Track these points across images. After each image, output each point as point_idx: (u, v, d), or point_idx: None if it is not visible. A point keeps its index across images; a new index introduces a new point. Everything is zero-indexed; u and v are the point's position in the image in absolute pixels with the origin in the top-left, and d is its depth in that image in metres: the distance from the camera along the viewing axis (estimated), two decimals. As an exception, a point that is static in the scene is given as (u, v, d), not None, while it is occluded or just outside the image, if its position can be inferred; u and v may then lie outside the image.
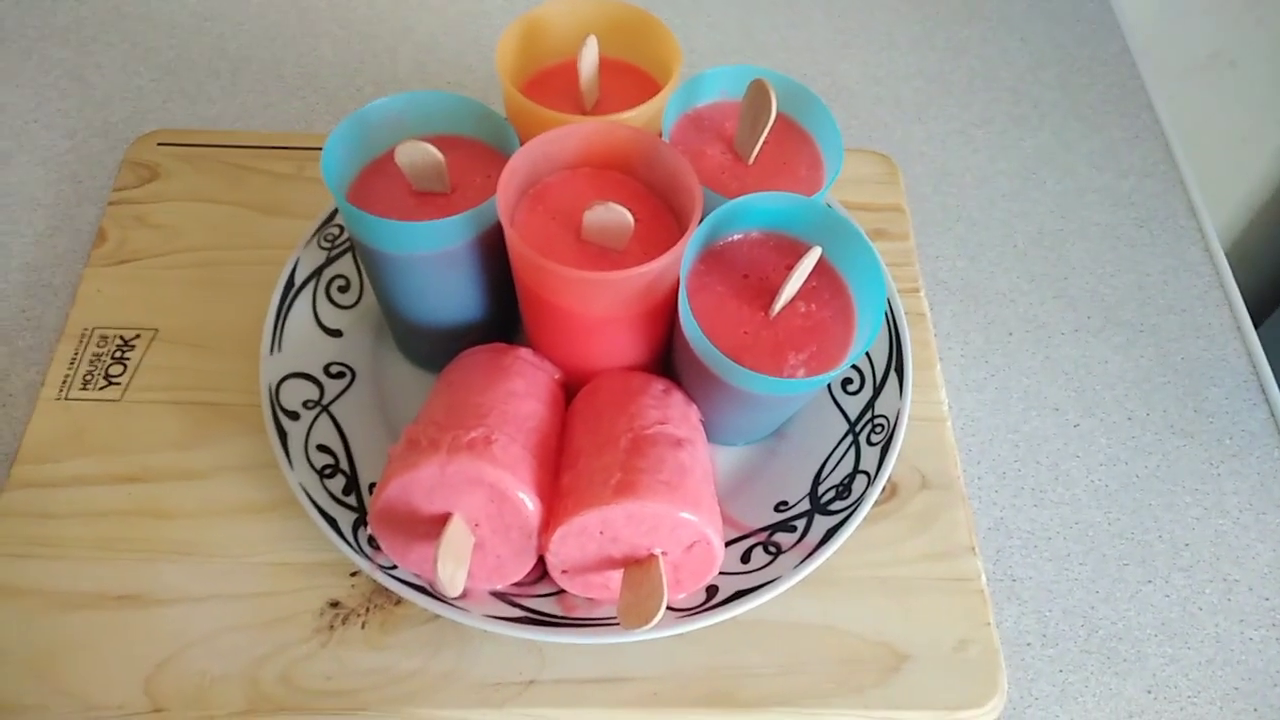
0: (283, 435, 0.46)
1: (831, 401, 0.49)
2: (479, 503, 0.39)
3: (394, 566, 0.43)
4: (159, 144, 0.60)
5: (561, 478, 0.41)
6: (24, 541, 0.46)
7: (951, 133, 0.68)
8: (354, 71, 0.68)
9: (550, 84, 0.48)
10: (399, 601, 0.45)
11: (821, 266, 0.42)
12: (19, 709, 0.42)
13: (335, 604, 0.45)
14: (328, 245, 0.53)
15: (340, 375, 0.50)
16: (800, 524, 0.45)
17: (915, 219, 0.62)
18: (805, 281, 0.41)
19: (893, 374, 0.49)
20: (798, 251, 0.42)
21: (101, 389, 0.50)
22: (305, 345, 0.50)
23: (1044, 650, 0.48)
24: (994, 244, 0.63)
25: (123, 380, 0.51)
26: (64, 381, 0.51)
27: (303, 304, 0.51)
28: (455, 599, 0.42)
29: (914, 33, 0.75)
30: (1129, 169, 0.67)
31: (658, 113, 0.44)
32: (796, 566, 0.43)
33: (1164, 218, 0.65)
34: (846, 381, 0.49)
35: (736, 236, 0.43)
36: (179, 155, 0.60)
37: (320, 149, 0.60)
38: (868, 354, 0.50)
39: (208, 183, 0.59)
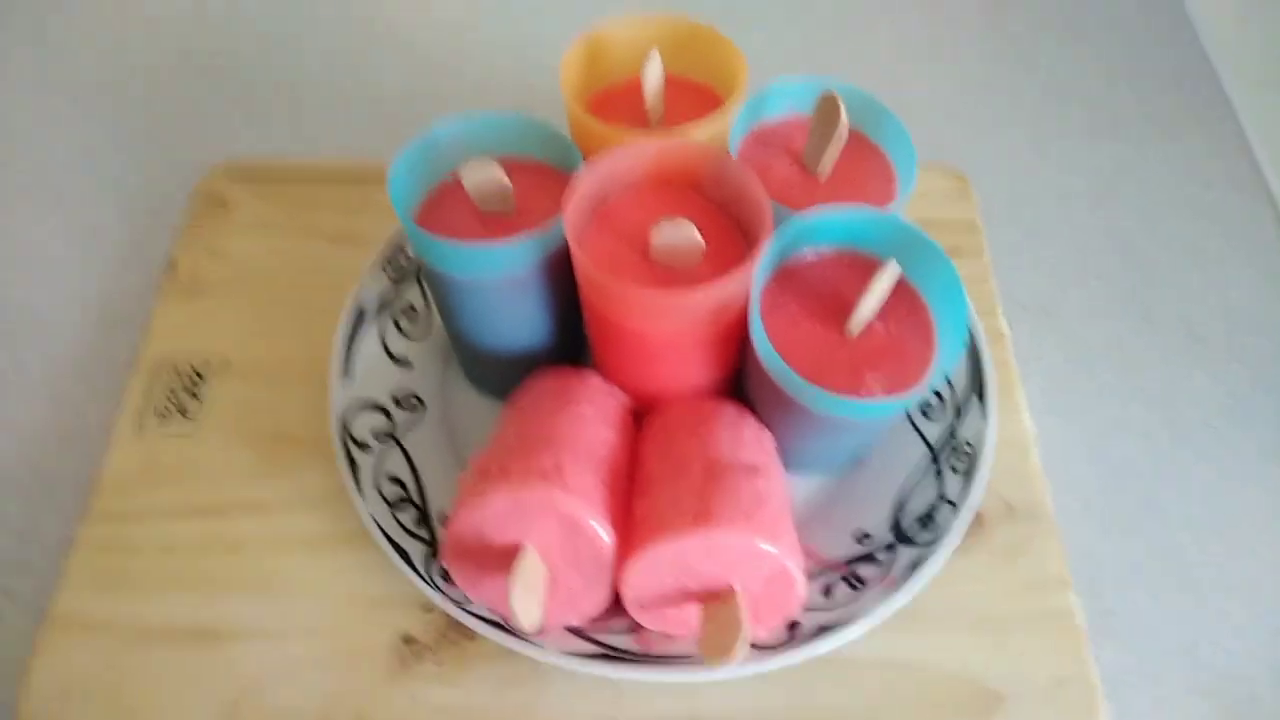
0: (353, 466, 0.46)
1: (911, 427, 0.47)
2: (552, 533, 0.38)
3: (469, 600, 0.42)
4: (228, 175, 0.61)
5: (635, 506, 0.40)
6: (103, 574, 0.46)
7: (1025, 148, 0.66)
8: (417, 98, 0.69)
9: (614, 103, 0.47)
10: (473, 635, 0.44)
11: (898, 283, 0.40)
12: (93, 745, 0.42)
13: (409, 639, 0.44)
14: (395, 274, 0.52)
15: (410, 406, 0.49)
16: (884, 556, 0.43)
17: (989, 236, 0.60)
18: (883, 300, 0.39)
19: (974, 397, 0.47)
20: (873, 268, 0.41)
21: (175, 421, 0.51)
22: (374, 375, 0.49)
23: (1146, 690, 0.45)
24: (1072, 261, 0.60)
25: (196, 413, 0.51)
26: (139, 414, 0.51)
27: (371, 333, 0.51)
28: (531, 633, 0.41)
29: (983, 48, 0.73)
30: (1213, 181, 0.64)
31: (724, 127, 0.43)
32: (883, 601, 0.41)
33: (1252, 232, 0.62)
34: (925, 406, 0.47)
35: (809, 254, 0.42)
36: (248, 186, 0.60)
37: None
38: (946, 377, 0.48)
39: (276, 213, 0.59)
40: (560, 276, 0.43)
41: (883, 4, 0.76)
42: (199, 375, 0.52)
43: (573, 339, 0.48)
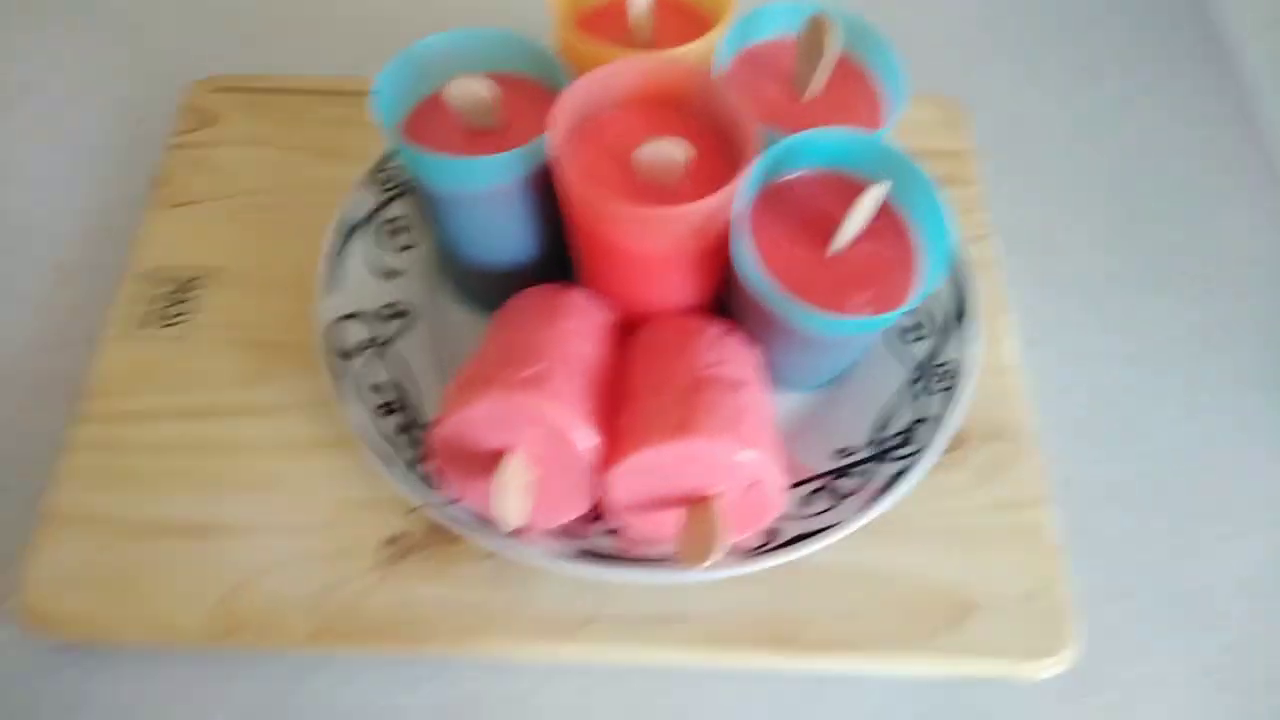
0: (339, 374, 0.46)
1: (895, 348, 0.48)
2: (537, 440, 0.39)
3: (452, 503, 0.43)
4: (216, 89, 0.60)
5: (618, 417, 0.41)
6: (96, 472, 0.47)
7: (1019, 80, 0.66)
8: (404, 19, 0.68)
9: (600, 23, 0.47)
10: (459, 538, 0.45)
11: (884, 206, 0.41)
12: (95, 629, 0.43)
13: (396, 538, 0.45)
14: (383, 187, 0.52)
15: (397, 316, 0.50)
16: (863, 470, 0.44)
17: (982, 168, 0.60)
18: (868, 221, 0.39)
19: (957, 321, 0.47)
20: (858, 191, 0.41)
21: (165, 327, 0.51)
22: (362, 286, 0.50)
23: (1118, 604, 0.46)
24: (1064, 194, 0.60)
25: (185, 319, 0.51)
26: (128, 320, 0.51)
27: (359, 245, 0.51)
28: (513, 535, 0.42)
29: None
30: (1205, 118, 0.64)
31: (710, 49, 0.43)
32: (859, 511, 0.42)
33: (1241, 169, 0.62)
34: (910, 328, 0.48)
35: (795, 175, 0.42)
36: (236, 100, 0.60)
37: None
38: (932, 300, 0.48)
39: (264, 127, 0.59)
40: (546, 192, 0.43)
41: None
42: (187, 284, 0.53)
43: (560, 255, 0.49)
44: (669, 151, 0.38)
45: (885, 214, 0.41)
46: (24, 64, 0.65)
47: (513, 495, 0.38)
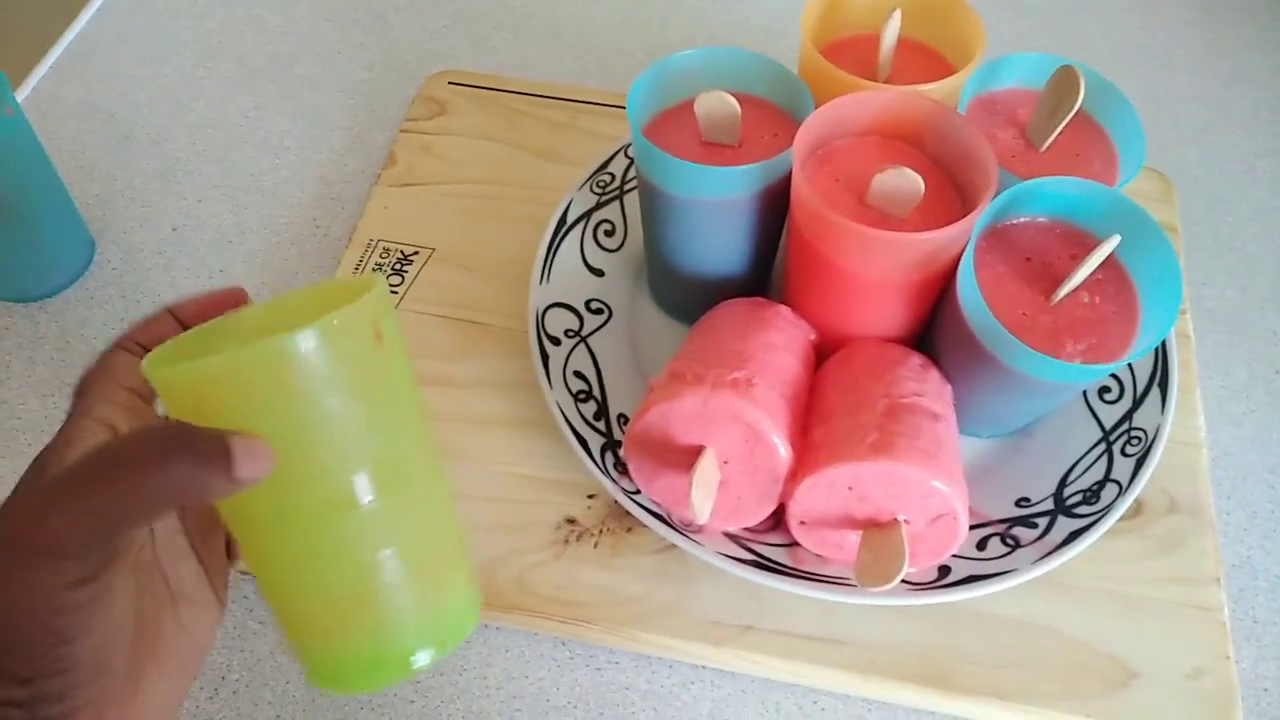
0: (545, 357, 0.49)
1: (1086, 407, 0.48)
2: (733, 441, 0.41)
3: (636, 492, 0.44)
4: (449, 83, 0.65)
5: (812, 433, 0.42)
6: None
7: (1231, 161, 0.65)
8: (625, 36, 0.71)
9: (843, 54, 0.49)
10: (630, 529, 0.47)
11: (1110, 260, 0.41)
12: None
13: (571, 521, 0.47)
14: (598, 191, 0.55)
15: (599, 311, 0.52)
16: (1042, 522, 0.44)
17: (1184, 243, 0.59)
18: (1091, 273, 0.40)
19: (1155, 388, 0.47)
20: (1084, 241, 0.42)
21: (380, 294, 0.55)
22: (570, 279, 0.53)
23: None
24: (1268, 278, 0.59)
25: (400, 290, 0.55)
26: (348, 283, 0.55)
27: (571, 242, 0.54)
28: (694, 531, 0.44)
29: (1196, 56, 0.71)
30: None
31: (953, 90, 0.44)
32: (1035, 562, 0.43)
33: None
34: (1104, 389, 0.48)
35: (1022, 219, 0.43)
36: (466, 95, 0.64)
37: (593, 104, 0.63)
38: (1130, 365, 0.48)
39: (489, 122, 0.63)
40: (769, 210, 0.45)
41: (1102, 2, 0.75)
42: (406, 258, 0.56)
43: (761, 275, 0.51)
44: (908, 180, 0.39)
45: (1109, 268, 0.41)
46: (276, 41, 0.71)
47: (704, 491, 0.40)
